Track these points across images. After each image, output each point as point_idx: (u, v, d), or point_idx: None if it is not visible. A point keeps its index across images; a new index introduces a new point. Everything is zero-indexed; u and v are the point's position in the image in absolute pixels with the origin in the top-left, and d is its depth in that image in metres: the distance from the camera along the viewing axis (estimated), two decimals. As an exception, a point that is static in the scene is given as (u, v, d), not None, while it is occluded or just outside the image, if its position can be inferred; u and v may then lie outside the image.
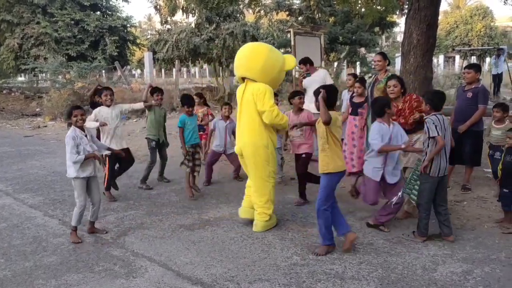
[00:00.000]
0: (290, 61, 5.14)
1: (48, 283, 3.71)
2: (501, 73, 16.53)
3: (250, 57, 4.88)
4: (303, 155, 5.69)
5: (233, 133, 6.41)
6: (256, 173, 4.85)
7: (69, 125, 4.95)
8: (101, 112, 6.02)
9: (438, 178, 4.32)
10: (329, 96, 4.05)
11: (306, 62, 7.73)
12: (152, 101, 6.62)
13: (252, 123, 4.78)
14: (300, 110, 5.80)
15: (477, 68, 5.99)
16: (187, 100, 6.20)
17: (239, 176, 6.99)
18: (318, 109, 4.11)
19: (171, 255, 4.20)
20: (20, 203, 6.04)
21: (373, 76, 6.41)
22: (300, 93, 6.03)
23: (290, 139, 5.86)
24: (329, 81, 7.45)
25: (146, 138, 6.77)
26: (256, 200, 4.85)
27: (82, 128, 4.68)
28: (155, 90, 6.68)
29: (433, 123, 4.25)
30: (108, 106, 6.09)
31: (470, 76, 5.84)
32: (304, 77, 7.72)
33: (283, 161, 6.66)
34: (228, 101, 7.42)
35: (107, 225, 5.06)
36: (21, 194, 6.50)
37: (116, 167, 6.27)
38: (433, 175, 4.30)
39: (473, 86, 5.80)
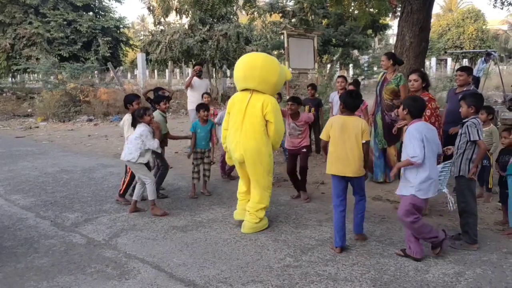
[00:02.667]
0: (288, 73, 5.34)
1: (40, 285, 3.68)
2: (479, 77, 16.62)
3: (265, 69, 4.78)
4: (304, 150, 5.89)
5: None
6: (257, 181, 4.86)
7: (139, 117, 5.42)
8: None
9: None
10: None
11: None
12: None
13: (258, 131, 4.75)
14: (297, 114, 5.88)
15: (469, 71, 6.04)
16: (202, 105, 6.42)
17: (231, 175, 7.00)
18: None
19: (164, 256, 4.18)
20: (11, 204, 5.99)
21: (382, 75, 6.47)
22: (293, 99, 6.06)
23: (288, 138, 6.00)
24: None
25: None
26: (252, 205, 4.85)
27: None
28: (161, 98, 6.42)
29: (475, 127, 4.18)
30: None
31: (463, 78, 5.88)
32: None
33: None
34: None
35: (99, 227, 5.03)
36: (12, 195, 6.45)
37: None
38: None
39: (464, 89, 5.83)
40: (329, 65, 25.48)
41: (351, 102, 4.33)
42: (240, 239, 4.60)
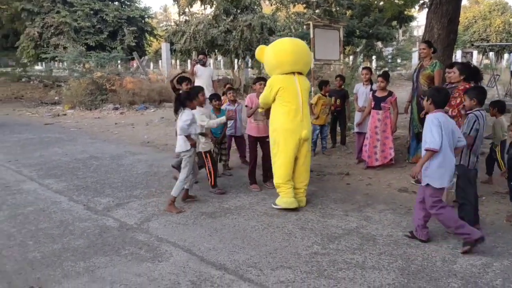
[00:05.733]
0: None
1: (77, 265, 3.84)
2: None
3: (309, 54, 5.53)
4: (267, 139, 5.72)
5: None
6: (309, 154, 5.50)
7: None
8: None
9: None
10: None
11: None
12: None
13: (309, 112, 5.49)
14: None
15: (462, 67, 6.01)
16: (214, 95, 6.57)
17: (246, 160, 7.11)
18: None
19: (194, 241, 4.31)
20: (45, 188, 6.20)
21: (419, 62, 6.67)
22: (262, 79, 6.19)
23: (254, 123, 6.05)
24: None
25: None
26: (307, 178, 5.45)
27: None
28: (184, 79, 6.64)
29: (473, 120, 4.36)
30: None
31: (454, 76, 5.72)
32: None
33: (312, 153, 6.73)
34: (233, 87, 7.54)
35: (131, 211, 5.19)
36: (45, 179, 6.66)
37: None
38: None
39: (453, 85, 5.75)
40: (351, 57, 25.29)
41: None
42: (268, 226, 4.70)
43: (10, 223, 4.85)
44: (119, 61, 20.07)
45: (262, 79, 6.16)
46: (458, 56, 33.51)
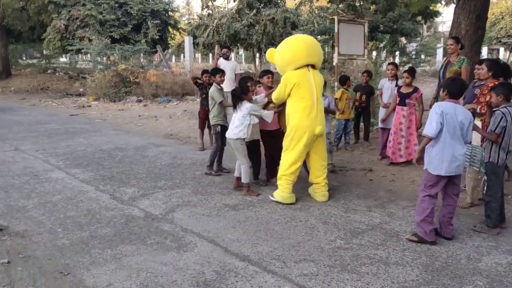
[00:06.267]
0: None
1: (104, 252, 3.94)
2: None
3: (318, 46, 5.52)
4: (282, 129, 5.77)
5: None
6: (325, 149, 5.51)
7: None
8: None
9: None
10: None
11: None
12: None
13: (323, 108, 5.47)
14: (270, 88, 5.95)
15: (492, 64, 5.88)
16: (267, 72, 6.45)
17: None
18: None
19: (218, 232, 4.36)
20: (72, 178, 6.34)
21: (446, 58, 6.62)
22: (269, 72, 6.24)
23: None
24: None
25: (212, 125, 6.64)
26: (324, 173, 5.42)
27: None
28: (218, 71, 6.58)
29: (500, 117, 4.30)
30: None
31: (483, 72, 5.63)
32: None
33: (333, 147, 6.67)
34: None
35: (156, 202, 5.28)
36: (72, 169, 6.81)
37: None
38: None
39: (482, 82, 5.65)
40: (374, 52, 25.02)
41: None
42: (290, 219, 4.73)
43: (40, 211, 4.99)
44: (142, 54, 20.26)
45: (269, 72, 6.18)
46: (484, 53, 32.82)
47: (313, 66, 5.35)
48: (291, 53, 5.28)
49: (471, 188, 5.08)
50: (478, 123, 4.89)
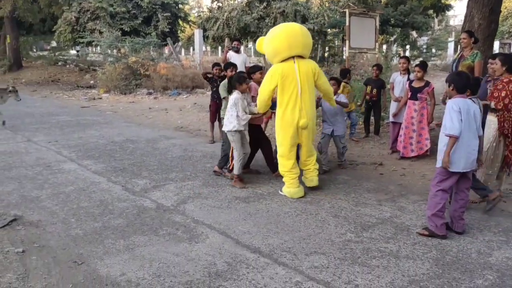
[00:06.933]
0: None
1: (117, 243, 3.99)
2: None
3: (305, 35, 5.28)
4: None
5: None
6: (311, 145, 5.51)
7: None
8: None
9: None
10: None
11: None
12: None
13: (312, 97, 5.33)
14: None
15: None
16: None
17: None
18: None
19: (229, 224, 4.40)
20: (84, 169, 6.41)
21: (459, 52, 6.57)
22: (259, 68, 6.25)
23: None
24: None
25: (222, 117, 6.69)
26: (312, 160, 5.46)
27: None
28: (230, 65, 6.60)
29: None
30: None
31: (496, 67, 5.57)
32: None
33: (346, 149, 6.63)
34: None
35: (167, 193, 5.33)
36: (84, 160, 6.88)
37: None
38: None
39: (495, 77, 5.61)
40: (384, 46, 24.84)
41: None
42: (301, 212, 4.75)
43: (53, 201, 5.06)
44: (152, 47, 20.31)
45: (260, 68, 6.19)
46: (495, 47, 32.44)
47: (301, 56, 5.24)
48: (273, 46, 5.25)
49: (482, 182, 5.06)
50: (494, 119, 4.85)
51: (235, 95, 5.49)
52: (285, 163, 5.36)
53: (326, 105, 5.98)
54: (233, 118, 5.44)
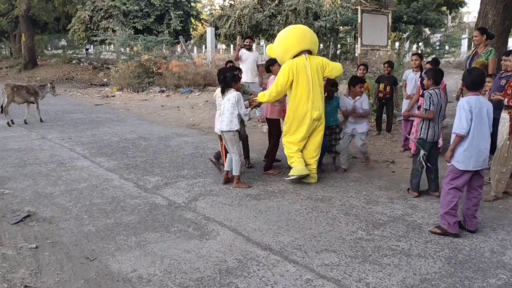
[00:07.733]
0: None
1: (129, 239, 4.02)
2: None
3: (312, 33, 5.74)
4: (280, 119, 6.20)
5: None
6: (321, 137, 5.69)
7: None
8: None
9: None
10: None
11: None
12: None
13: (322, 90, 5.63)
14: None
15: None
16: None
17: None
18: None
19: (240, 221, 4.41)
20: (97, 166, 6.47)
21: (473, 49, 6.55)
22: (276, 61, 6.19)
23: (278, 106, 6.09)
24: None
25: None
26: (318, 154, 5.70)
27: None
28: (235, 69, 6.61)
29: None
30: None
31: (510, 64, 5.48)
32: None
33: (366, 146, 6.55)
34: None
35: (179, 190, 5.36)
36: (97, 157, 6.94)
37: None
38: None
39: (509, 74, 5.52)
40: (397, 43, 24.64)
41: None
42: (312, 210, 4.75)
43: (66, 198, 5.12)
44: (164, 45, 20.39)
45: (276, 61, 6.15)
46: (510, 43, 31.97)
47: (309, 53, 5.60)
48: (284, 44, 5.65)
49: (495, 181, 5.01)
50: (506, 116, 4.81)
51: (235, 92, 5.44)
52: (292, 147, 5.63)
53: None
54: (233, 117, 5.38)
